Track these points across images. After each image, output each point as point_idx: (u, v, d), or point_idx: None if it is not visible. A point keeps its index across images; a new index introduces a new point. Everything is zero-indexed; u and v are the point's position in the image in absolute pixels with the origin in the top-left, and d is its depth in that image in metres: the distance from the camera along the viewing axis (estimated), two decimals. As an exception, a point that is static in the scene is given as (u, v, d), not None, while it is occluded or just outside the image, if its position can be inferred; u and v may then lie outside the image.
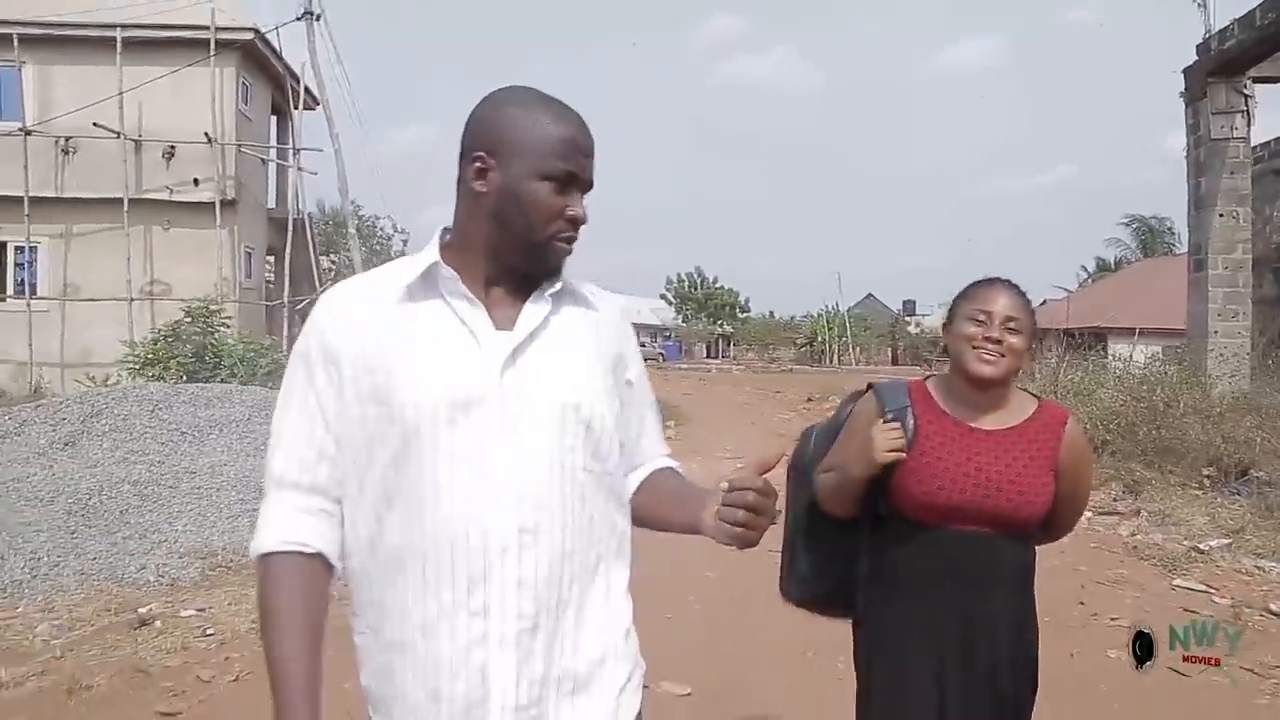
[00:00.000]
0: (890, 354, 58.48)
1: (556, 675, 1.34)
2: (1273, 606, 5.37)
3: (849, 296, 66.61)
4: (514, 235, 1.37)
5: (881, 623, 2.03)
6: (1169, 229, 44.10)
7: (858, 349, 57.39)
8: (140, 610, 4.93)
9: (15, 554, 5.66)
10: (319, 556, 1.35)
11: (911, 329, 60.38)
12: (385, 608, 1.34)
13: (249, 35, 16.93)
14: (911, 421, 1.98)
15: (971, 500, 1.91)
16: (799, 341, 61.92)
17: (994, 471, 1.92)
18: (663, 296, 67.16)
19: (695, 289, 65.81)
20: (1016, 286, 2.00)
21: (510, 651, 1.30)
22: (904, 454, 1.92)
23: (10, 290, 17.05)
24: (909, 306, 65.67)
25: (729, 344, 65.52)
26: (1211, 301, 14.01)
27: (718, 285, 66.34)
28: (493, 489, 1.30)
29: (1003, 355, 1.92)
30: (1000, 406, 2.00)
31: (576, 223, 1.40)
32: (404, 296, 1.36)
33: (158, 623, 4.71)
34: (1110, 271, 44.76)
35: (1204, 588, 5.84)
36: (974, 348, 1.93)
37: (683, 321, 64.79)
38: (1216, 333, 14.01)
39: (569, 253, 1.42)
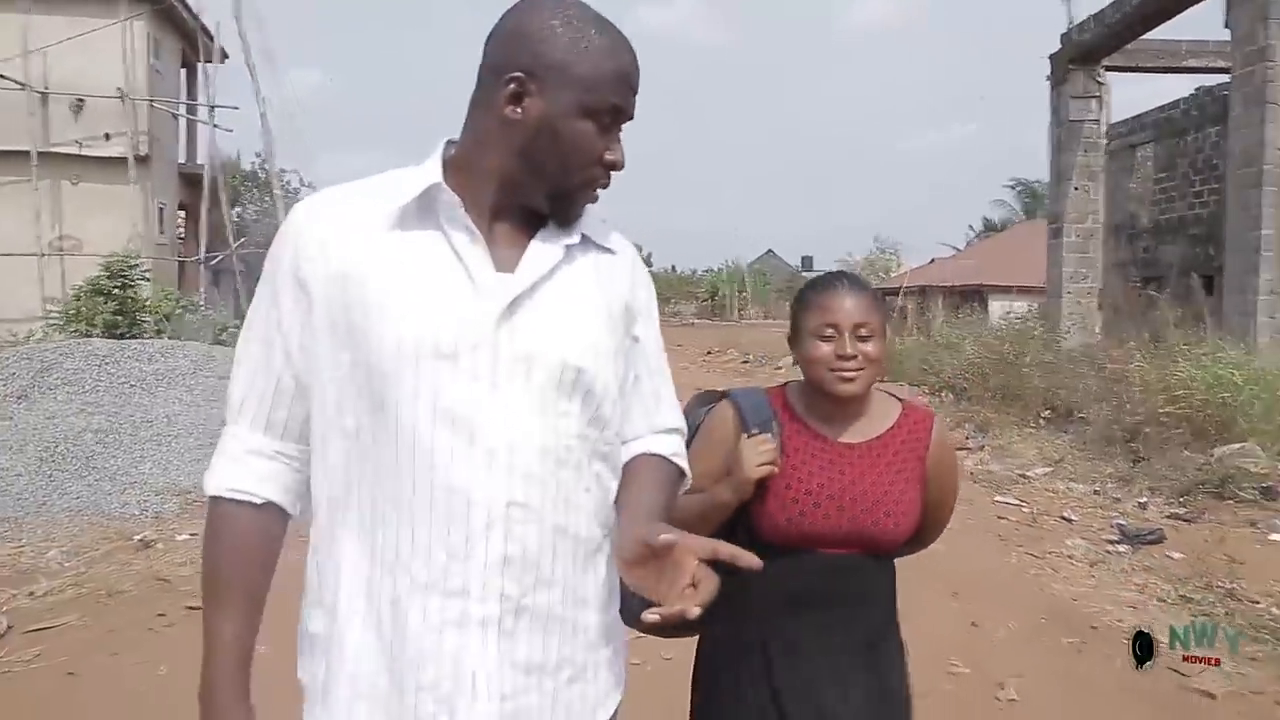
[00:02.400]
0: (789, 309, 60.29)
1: (546, 662, 1.20)
2: (1066, 514, 6.83)
3: (750, 252, 68.49)
4: (543, 176, 1.20)
5: (724, 649, 1.81)
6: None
7: (757, 304, 59.13)
8: (137, 537, 5.70)
9: (1, 495, 6.32)
10: (270, 507, 1.22)
11: (809, 285, 62.38)
12: (345, 577, 1.18)
13: (159, -12, 16.93)
14: (777, 434, 1.78)
15: (837, 524, 1.73)
16: (701, 296, 63.43)
17: (859, 491, 1.75)
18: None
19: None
20: (858, 281, 1.82)
21: (492, 636, 1.15)
22: (777, 468, 1.73)
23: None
24: (807, 263, 67.85)
25: (633, 298, 66.35)
26: (1065, 265, 15.71)
27: (621, 240, 66.88)
28: (480, 455, 1.14)
29: (861, 369, 1.72)
30: (863, 415, 1.81)
31: (614, 168, 1.23)
32: (394, 218, 1.18)
33: (159, 544, 5.50)
34: (996, 232, 47.12)
35: (1017, 502, 7.26)
36: (830, 370, 1.73)
37: (587, 276, 65.37)
38: (1070, 293, 15.73)
39: (593, 202, 1.27)
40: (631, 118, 1.24)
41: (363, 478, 1.16)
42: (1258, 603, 4.76)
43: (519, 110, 1.18)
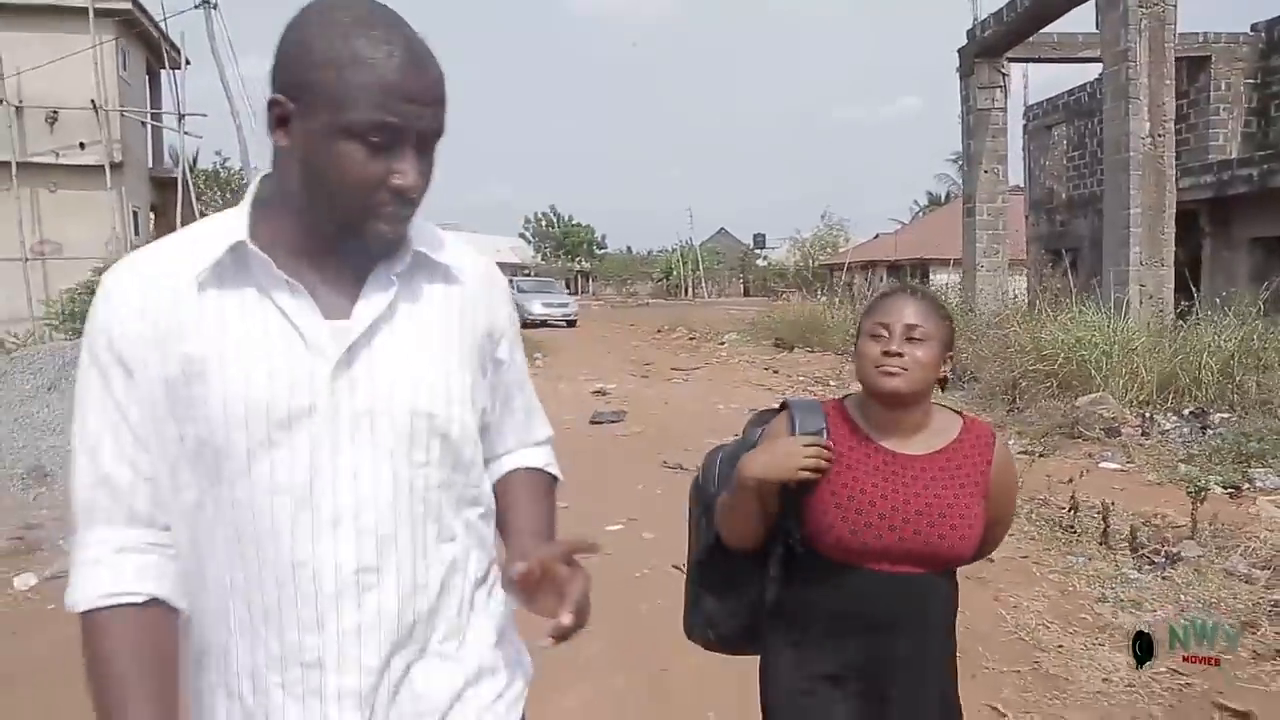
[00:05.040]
0: (742, 287, 61.78)
1: (409, 715, 1.15)
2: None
3: (703, 231, 69.89)
4: (322, 207, 1.08)
5: (787, 669, 1.80)
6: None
7: (710, 283, 60.49)
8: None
9: (59, 467, 7.51)
10: (155, 604, 1.10)
11: (760, 262, 64.07)
12: (207, 647, 1.14)
13: (127, 3, 17.84)
14: (826, 442, 1.74)
15: (899, 539, 1.69)
16: (655, 276, 64.61)
17: (922, 504, 1.70)
18: (521, 235, 68.26)
19: (552, 227, 67.09)
20: (924, 293, 1.82)
21: (351, 705, 1.11)
22: (819, 474, 1.70)
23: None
24: (759, 240, 69.15)
25: (588, 280, 67.63)
26: (978, 242, 17.28)
27: (574, 223, 67.95)
28: (323, 524, 1.08)
29: (905, 368, 1.69)
30: (923, 427, 1.78)
31: (403, 194, 1.08)
32: (209, 279, 1.08)
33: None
34: (940, 205, 48.71)
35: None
36: (875, 366, 1.71)
37: (541, 260, 66.44)
38: (982, 267, 17.31)
39: (401, 228, 1.11)
40: (423, 127, 1.07)
41: (212, 553, 1.10)
42: (1062, 507, 6.23)
43: (285, 135, 1.08)
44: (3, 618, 4.65)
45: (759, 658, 1.90)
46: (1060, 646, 4.05)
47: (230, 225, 1.12)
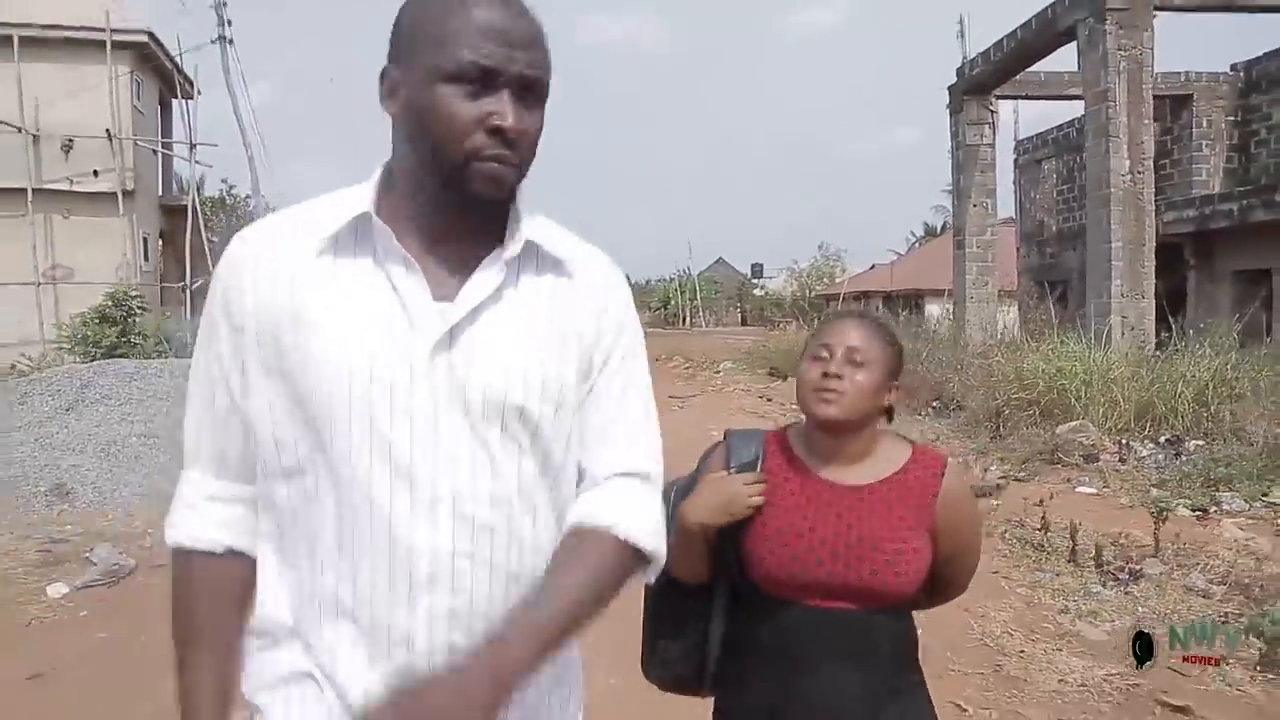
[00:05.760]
0: (740, 316, 62.19)
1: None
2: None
3: (701, 260, 70.26)
4: (427, 161, 1.10)
5: (732, 707, 1.73)
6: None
7: (708, 312, 60.90)
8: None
9: (80, 485, 7.86)
10: (232, 554, 1.18)
11: (758, 292, 64.56)
12: (294, 620, 1.15)
13: (143, 37, 18.37)
14: (759, 474, 1.70)
15: (829, 572, 1.61)
16: (653, 305, 65.07)
17: (854, 537, 1.62)
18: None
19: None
20: (870, 318, 1.76)
21: None
22: (752, 508, 1.65)
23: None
24: (757, 269, 69.63)
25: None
26: (968, 273, 17.70)
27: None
28: (423, 503, 1.08)
29: (843, 392, 1.62)
30: (865, 456, 1.70)
31: (501, 133, 1.07)
32: (327, 249, 1.11)
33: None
34: (935, 237, 49.25)
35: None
36: (814, 389, 1.65)
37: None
38: (972, 298, 17.72)
39: (505, 177, 1.10)
40: (529, 78, 1.08)
41: (308, 519, 1.12)
42: (1035, 528, 6.56)
43: (394, 103, 1.11)
44: (39, 622, 4.98)
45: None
46: (1022, 652, 4.39)
47: (355, 198, 1.15)
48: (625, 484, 1.21)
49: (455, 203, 1.13)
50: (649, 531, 1.20)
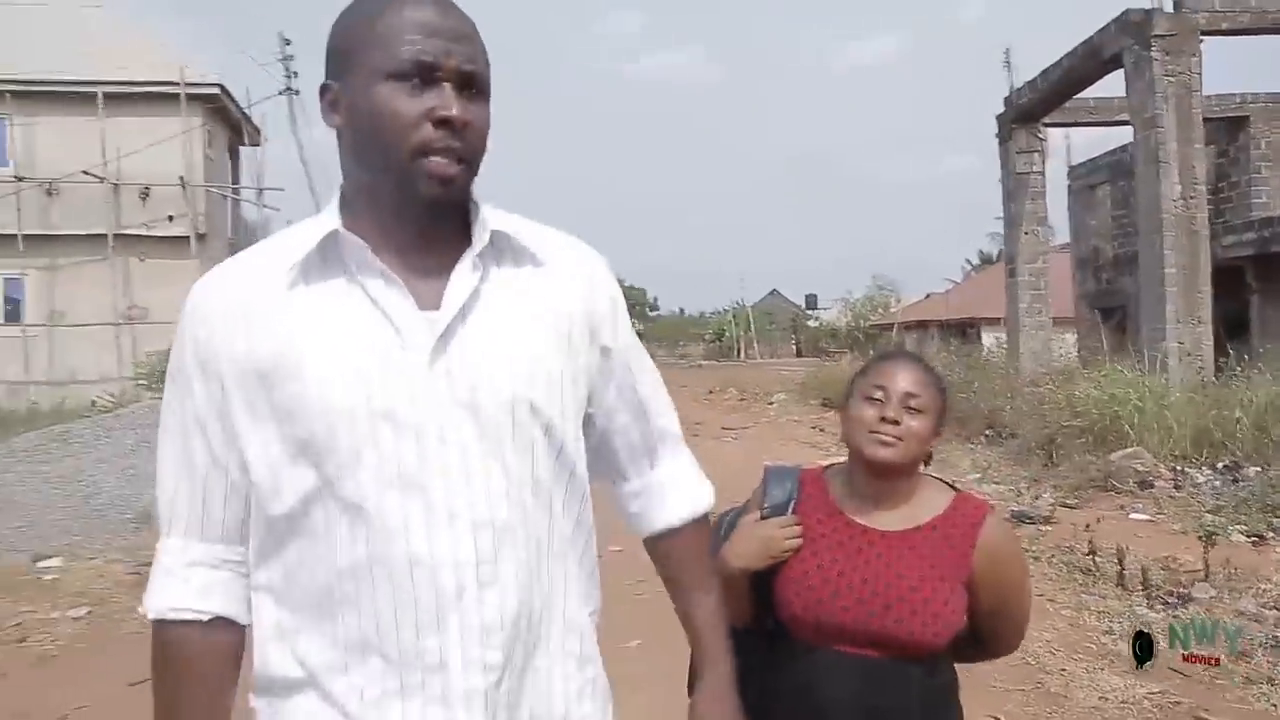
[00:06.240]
0: (794, 348, 62.03)
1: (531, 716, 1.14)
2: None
3: (755, 292, 70.47)
4: (375, 164, 1.09)
5: None
6: (1035, 225, 48.43)
7: (763, 344, 60.81)
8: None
9: (161, 514, 8.33)
10: (219, 623, 1.12)
11: (812, 323, 64.39)
12: (306, 670, 1.09)
13: (215, 90, 19.32)
14: (792, 516, 1.67)
15: (854, 619, 1.58)
16: (707, 338, 65.16)
17: (882, 584, 1.58)
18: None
19: (605, 290, 68.16)
20: (922, 361, 1.74)
21: (478, 706, 1.07)
22: (788, 551, 1.63)
23: (1, 318, 19.12)
24: (811, 300, 69.60)
25: (641, 342, 67.93)
26: (1021, 301, 17.63)
27: (627, 285, 69.15)
28: (439, 517, 1.06)
29: (901, 438, 1.59)
30: (904, 502, 1.66)
31: (448, 124, 1.06)
32: (296, 278, 1.08)
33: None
34: (992, 264, 48.77)
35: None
36: (870, 431, 1.60)
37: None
38: (1025, 326, 17.64)
39: (454, 171, 1.08)
40: (467, 71, 1.08)
41: (315, 561, 1.08)
42: (1084, 553, 6.60)
43: (336, 116, 1.11)
44: (136, 636, 5.34)
45: None
46: (1063, 670, 4.49)
47: (320, 221, 1.12)
48: (675, 463, 1.37)
49: (410, 208, 1.11)
50: (707, 492, 1.39)
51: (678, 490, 1.36)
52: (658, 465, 1.35)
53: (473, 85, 1.10)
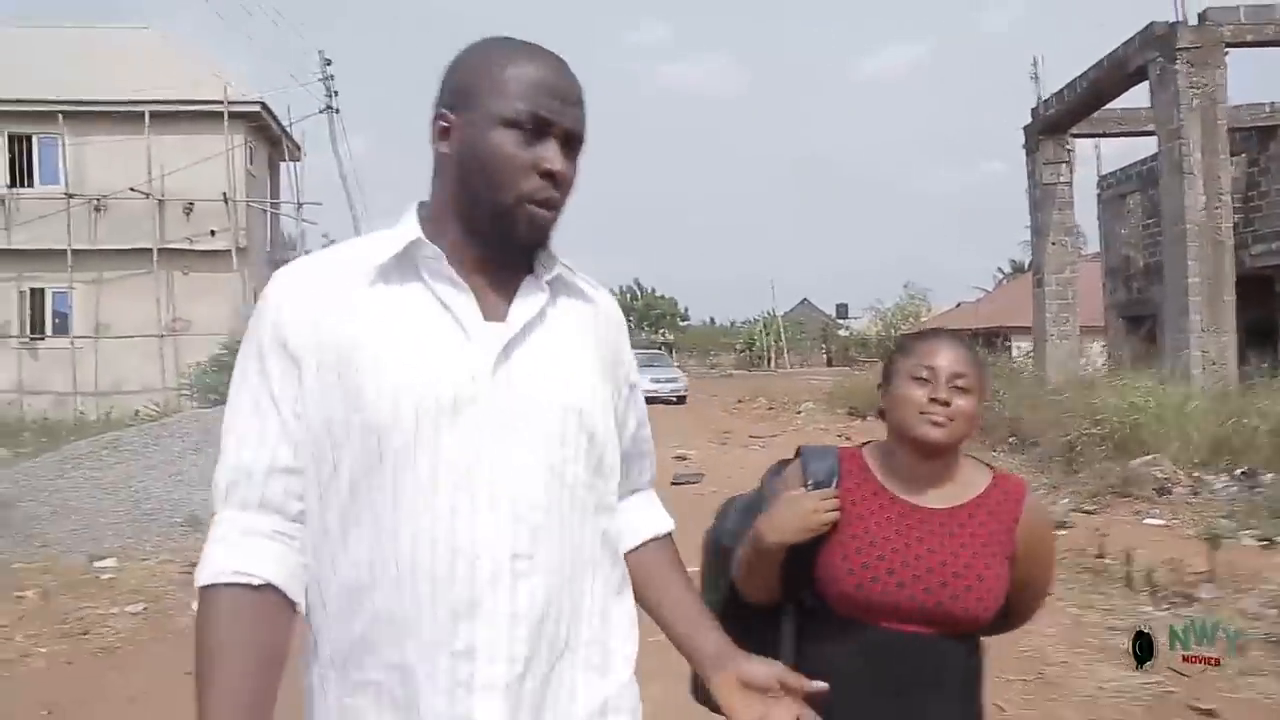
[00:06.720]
0: (825, 357, 61.87)
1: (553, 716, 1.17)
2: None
3: (786, 302, 70.27)
4: (479, 199, 1.18)
5: None
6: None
7: (793, 353, 60.72)
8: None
9: (210, 516, 8.72)
10: (270, 589, 1.12)
11: (843, 332, 64.26)
12: (350, 643, 1.14)
13: (257, 107, 19.95)
14: (835, 492, 1.64)
15: (910, 596, 1.57)
16: (738, 347, 65.13)
17: (937, 561, 1.58)
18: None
19: (635, 300, 67.86)
20: (961, 339, 1.70)
21: (499, 699, 1.11)
22: (826, 525, 1.60)
23: (50, 330, 19.80)
24: (842, 310, 69.19)
25: (671, 352, 68.32)
26: (1048, 311, 17.71)
27: (658, 295, 69.17)
28: (483, 507, 1.12)
29: (952, 419, 1.58)
30: (948, 480, 1.67)
31: (553, 178, 1.17)
32: (375, 278, 1.17)
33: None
34: (1022, 273, 48.58)
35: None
36: (921, 412, 1.59)
37: (626, 333, 66.88)
38: (1053, 335, 17.70)
39: (549, 219, 1.20)
40: (573, 132, 1.20)
41: (359, 539, 1.12)
42: (1096, 556, 6.78)
43: (447, 144, 1.20)
44: (191, 630, 5.68)
45: None
46: (1064, 662, 4.71)
47: (401, 230, 1.21)
48: (649, 496, 1.46)
49: (497, 240, 1.20)
50: (669, 521, 1.47)
51: (648, 513, 1.44)
52: (635, 496, 1.43)
53: (573, 144, 1.22)
